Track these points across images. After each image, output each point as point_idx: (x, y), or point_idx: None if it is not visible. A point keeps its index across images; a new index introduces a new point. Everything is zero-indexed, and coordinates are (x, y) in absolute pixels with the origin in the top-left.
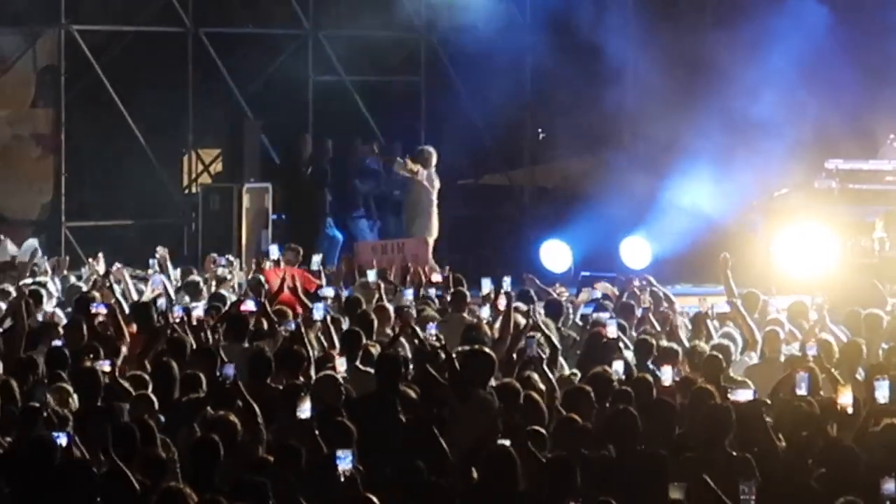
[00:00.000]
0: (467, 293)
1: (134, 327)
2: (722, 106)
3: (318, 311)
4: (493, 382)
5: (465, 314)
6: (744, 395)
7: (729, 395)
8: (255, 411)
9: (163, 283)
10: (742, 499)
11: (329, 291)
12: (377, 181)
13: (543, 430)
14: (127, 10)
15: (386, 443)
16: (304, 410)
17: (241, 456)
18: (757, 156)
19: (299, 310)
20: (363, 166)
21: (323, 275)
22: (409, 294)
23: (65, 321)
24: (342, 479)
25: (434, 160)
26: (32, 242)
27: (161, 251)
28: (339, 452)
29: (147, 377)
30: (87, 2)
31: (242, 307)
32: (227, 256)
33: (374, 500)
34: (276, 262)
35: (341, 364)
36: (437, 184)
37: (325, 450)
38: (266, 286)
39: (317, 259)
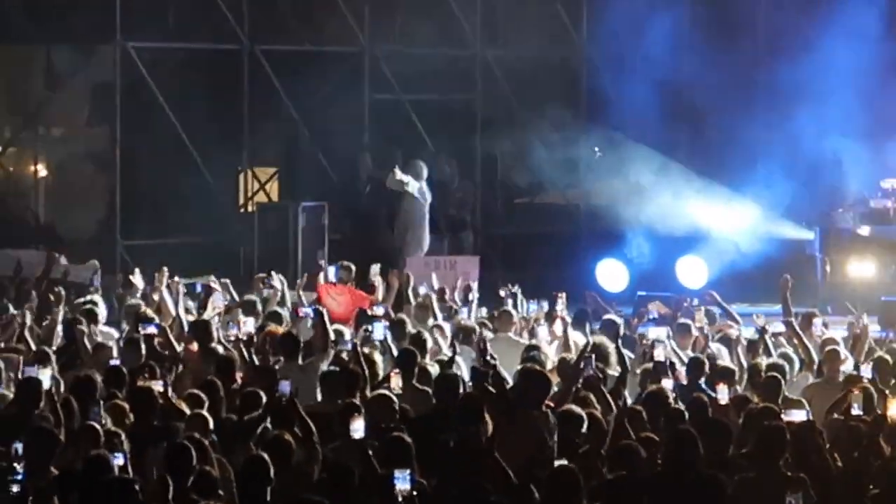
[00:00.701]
0: (514, 312)
1: (194, 345)
2: (778, 125)
3: (378, 331)
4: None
5: (511, 334)
6: (797, 416)
7: (783, 416)
8: (311, 430)
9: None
10: None
11: (380, 310)
12: (444, 194)
13: (602, 451)
14: (183, 26)
15: (444, 462)
16: (358, 430)
17: (297, 476)
18: (812, 175)
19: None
20: (430, 179)
21: (381, 287)
22: (465, 313)
23: (120, 339)
24: (400, 500)
25: (425, 173)
26: (94, 263)
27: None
28: (397, 472)
29: (203, 396)
30: (142, 18)
31: (300, 311)
32: (278, 276)
33: None
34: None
35: (396, 382)
36: (428, 197)
37: (381, 470)
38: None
39: (375, 269)
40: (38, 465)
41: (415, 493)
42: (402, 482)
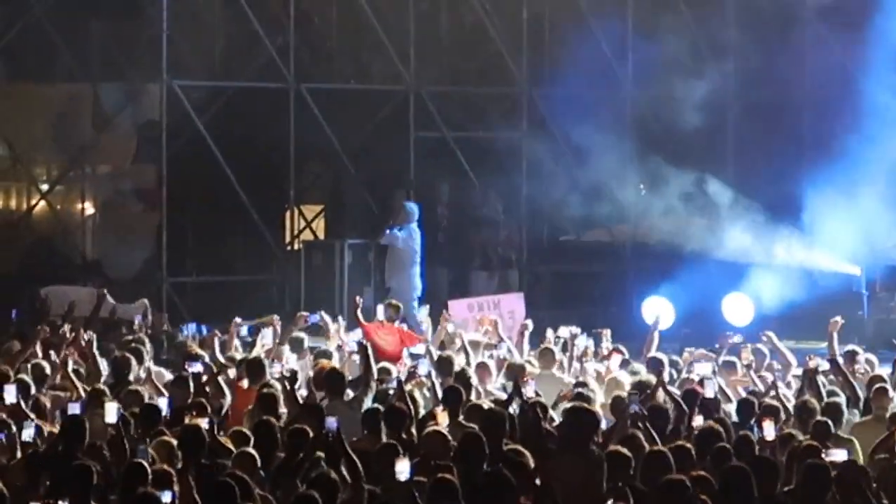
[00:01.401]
0: (555, 350)
1: (245, 382)
2: (824, 165)
3: (423, 367)
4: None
5: (554, 370)
6: (839, 456)
7: (823, 455)
8: (358, 467)
9: (273, 335)
10: None
11: (420, 348)
12: (495, 230)
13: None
14: (229, 65)
15: (490, 498)
16: (403, 472)
17: None
18: (859, 212)
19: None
20: (479, 215)
21: (429, 328)
22: (504, 348)
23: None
24: None
25: (415, 216)
26: (143, 302)
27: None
28: None
29: (249, 433)
30: (189, 57)
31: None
32: (319, 313)
33: None
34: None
35: (443, 419)
36: (417, 237)
37: None
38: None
39: (424, 310)
40: (79, 501)
41: None
42: None
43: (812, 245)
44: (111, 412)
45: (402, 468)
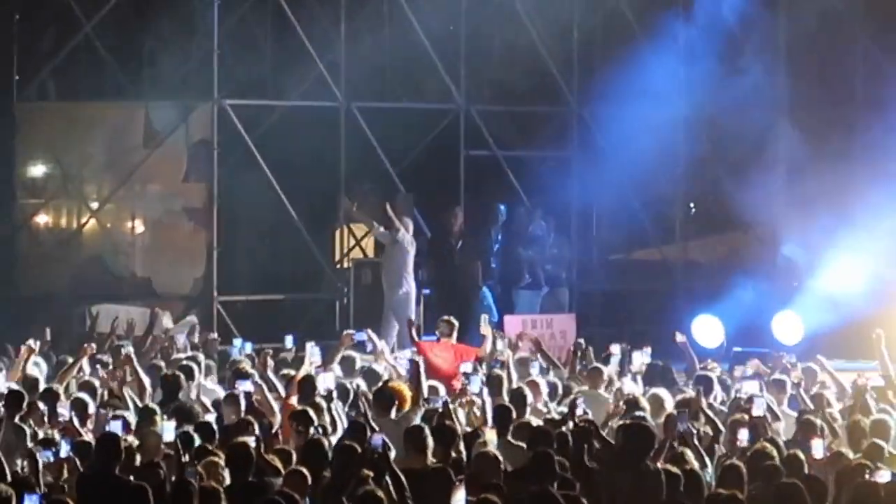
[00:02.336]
0: (603, 369)
1: (293, 399)
2: (873, 179)
3: (475, 384)
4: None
5: (601, 391)
6: (883, 477)
7: (866, 475)
8: (404, 485)
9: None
10: None
11: (468, 367)
12: (542, 248)
13: None
14: (279, 84)
15: None
16: (459, 501)
17: None
18: None
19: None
20: (527, 234)
21: (489, 340)
22: (535, 367)
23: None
24: None
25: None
26: (192, 319)
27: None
28: None
29: (293, 451)
30: (240, 76)
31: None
32: (366, 331)
33: None
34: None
35: (492, 437)
36: (408, 240)
37: None
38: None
39: (484, 319)
40: None
41: None
42: None
43: (863, 260)
44: (168, 431)
45: (458, 498)
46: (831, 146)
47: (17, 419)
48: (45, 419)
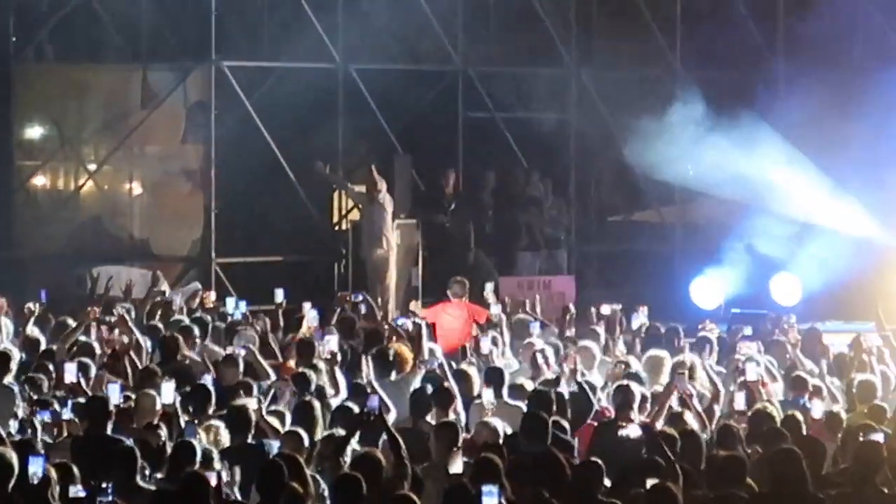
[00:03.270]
0: (599, 331)
1: (291, 362)
2: (871, 142)
3: (485, 345)
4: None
5: (596, 352)
6: (875, 437)
7: (860, 437)
8: (401, 446)
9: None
10: None
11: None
12: (540, 210)
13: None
14: (277, 46)
15: (531, 475)
16: (457, 467)
17: (387, 491)
18: None
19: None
20: (525, 196)
21: (495, 302)
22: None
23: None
24: None
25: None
26: (196, 285)
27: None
28: (485, 487)
29: (287, 413)
30: (237, 38)
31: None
32: (361, 293)
33: None
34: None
35: (488, 396)
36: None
37: (473, 487)
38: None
39: (489, 287)
40: (123, 482)
41: None
42: (490, 497)
43: (861, 223)
44: (168, 392)
45: (457, 465)
46: (825, 105)
47: (6, 381)
48: (47, 381)
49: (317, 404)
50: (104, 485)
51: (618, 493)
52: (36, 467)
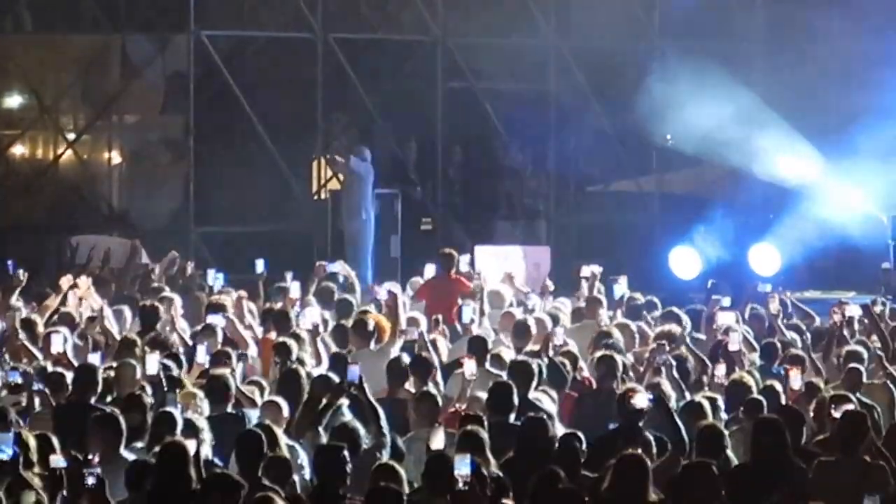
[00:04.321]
0: (603, 300)
1: (272, 334)
2: (850, 115)
3: (467, 314)
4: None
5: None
6: (847, 407)
7: (832, 410)
8: (379, 416)
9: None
10: None
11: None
12: (519, 180)
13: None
14: (256, 16)
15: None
16: (438, 441)
17: (364, 460)
18: (885, 162)
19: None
20: (504, 166)
21: (474, 273)
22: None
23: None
24: (461, 484)
25: (368, 156)
26: (174, 255)
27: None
28: (458, 457)
29: (265, 383)
30: (216, 8)
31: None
32: (339, 262)
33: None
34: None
35: (470, 366)
36: (364, 170)
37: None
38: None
39: (465, 259)
40: (108, 452)
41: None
42: (463, 467)
43: (838, 193)
44: (152, 363)
45: (438, 441)
46: (807, 80)
47: None
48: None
49: (303, 372)
50: (90, 456)
51: (592, 464)
52: (4, 446)
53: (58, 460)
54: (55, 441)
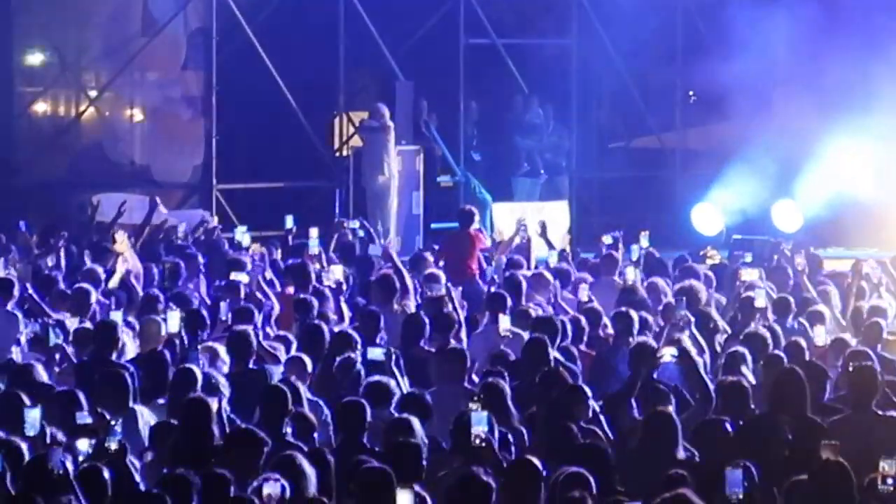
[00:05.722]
0: (618, 256)
1: (291, 289)
2: (866, 69)
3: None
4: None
5: (616, 277)
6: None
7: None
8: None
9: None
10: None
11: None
12: (540, 136)
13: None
14: None
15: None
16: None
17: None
18: None
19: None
20: (524, 122)
21: (487, 235)
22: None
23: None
24: (477, 442)
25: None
26: (200, 212)
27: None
28: (474, 415)
29: (291, 337)
30: None
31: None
32: (360, 219)
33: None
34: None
35: (504, 322)
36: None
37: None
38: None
39: (477, 219)
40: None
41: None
42: (479, 424)
43: (858, 148)
44: (174, 321)
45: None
46: (827, 31)
47: (8, 307)
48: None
49: (325, 327)
50: (112, 422)
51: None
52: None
53: (83, 416)
54: (81, 398)
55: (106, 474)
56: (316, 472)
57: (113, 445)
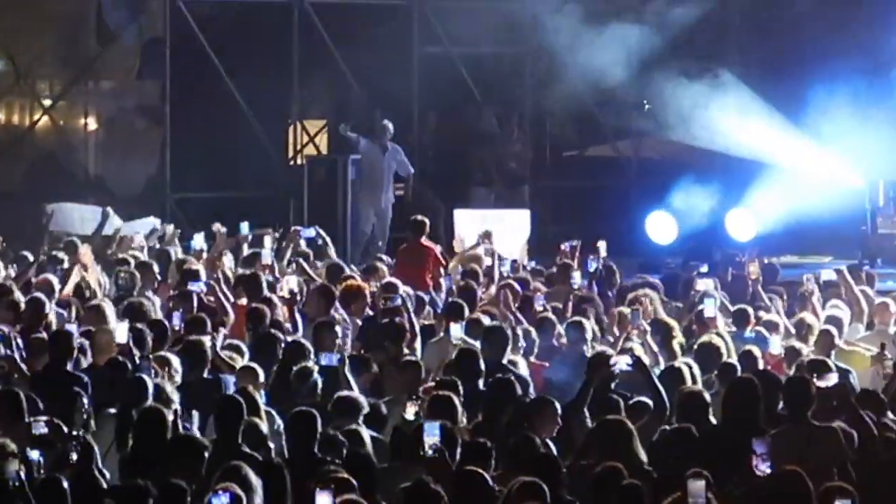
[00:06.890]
0: (574, 265)
1: (244, 299)
2: (830, 83)
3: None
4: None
5: (573, 285)
6: (831, 380)
7: (816, 381)
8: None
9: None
10: None
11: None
12: (493, 146)
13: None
14: None
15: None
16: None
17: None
18: (868, 121)
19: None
20: (477, 132)
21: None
22: (508, 265)
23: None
24: (429, 451)
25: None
26: (151, 221)
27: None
28: (426, 424)
29: (244, 347)
30: None
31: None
32: (314, 227)
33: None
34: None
35: (456, 331)
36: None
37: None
38: None
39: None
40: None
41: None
42: (431, 435)
43: (818, 150)
44: (122, 332)
45: (410, 412)
46: (781, 45)
47: None
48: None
49: (279, 336)
50: (74, 432)
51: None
52: None
53: (39, 426)
54: (24, 405)
55: (65, 485)
56: (268, 483)
57: (73, 456)
